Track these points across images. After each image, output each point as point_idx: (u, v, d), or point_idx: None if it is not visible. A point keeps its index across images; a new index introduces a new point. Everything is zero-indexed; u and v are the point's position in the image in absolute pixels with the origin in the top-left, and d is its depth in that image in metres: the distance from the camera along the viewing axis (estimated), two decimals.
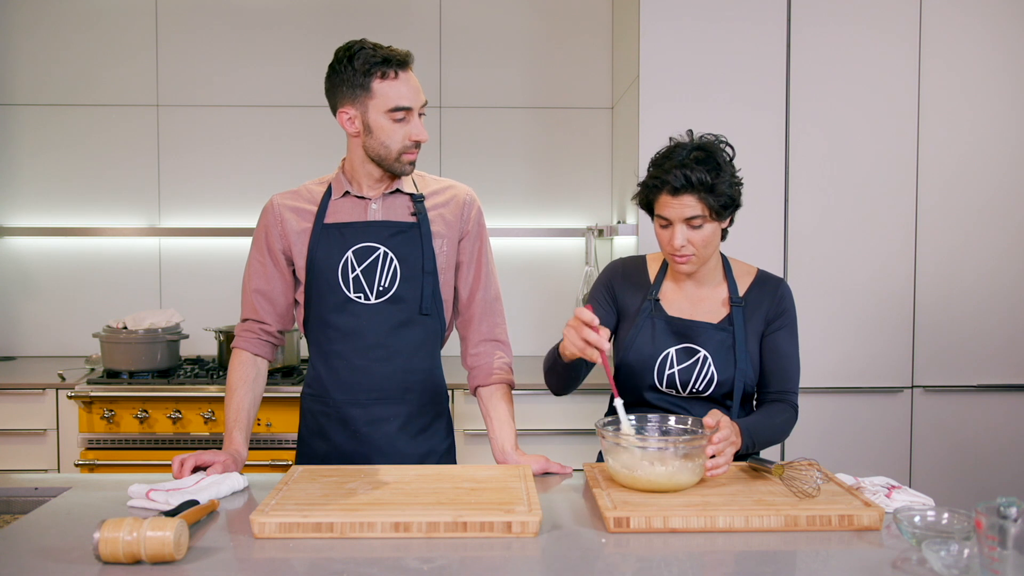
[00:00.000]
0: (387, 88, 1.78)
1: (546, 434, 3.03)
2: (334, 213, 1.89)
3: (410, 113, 1.80)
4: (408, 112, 1.79)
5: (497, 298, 1.99)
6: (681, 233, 1.77)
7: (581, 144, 3.70)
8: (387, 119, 1.79)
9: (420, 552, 1.33)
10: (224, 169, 3.65)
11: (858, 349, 3.00)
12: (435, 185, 1.96)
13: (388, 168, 1.84)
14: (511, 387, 1.97)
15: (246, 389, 1.89)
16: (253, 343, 1.93)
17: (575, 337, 1.60)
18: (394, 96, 1.78)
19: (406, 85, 1.80)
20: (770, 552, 1.36)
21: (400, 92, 1.79)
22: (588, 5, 3.68)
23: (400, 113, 1.79)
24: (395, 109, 1.78)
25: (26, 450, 3.02)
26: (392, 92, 1.78)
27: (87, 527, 1.41)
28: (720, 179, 1.74)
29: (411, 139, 1.81)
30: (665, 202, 1.77)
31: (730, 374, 1.84)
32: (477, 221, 1.96)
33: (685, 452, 1.55)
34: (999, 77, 2.99)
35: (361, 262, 1.85)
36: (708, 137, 1.82)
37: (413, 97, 1.80)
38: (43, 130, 3.63)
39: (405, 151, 1.82)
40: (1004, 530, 1.14)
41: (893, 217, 2.99)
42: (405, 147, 1.81)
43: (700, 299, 1.90)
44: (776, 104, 2.98)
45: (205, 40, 3.63)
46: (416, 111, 1.81)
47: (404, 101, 1.79)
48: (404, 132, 1.80)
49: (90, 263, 3.64)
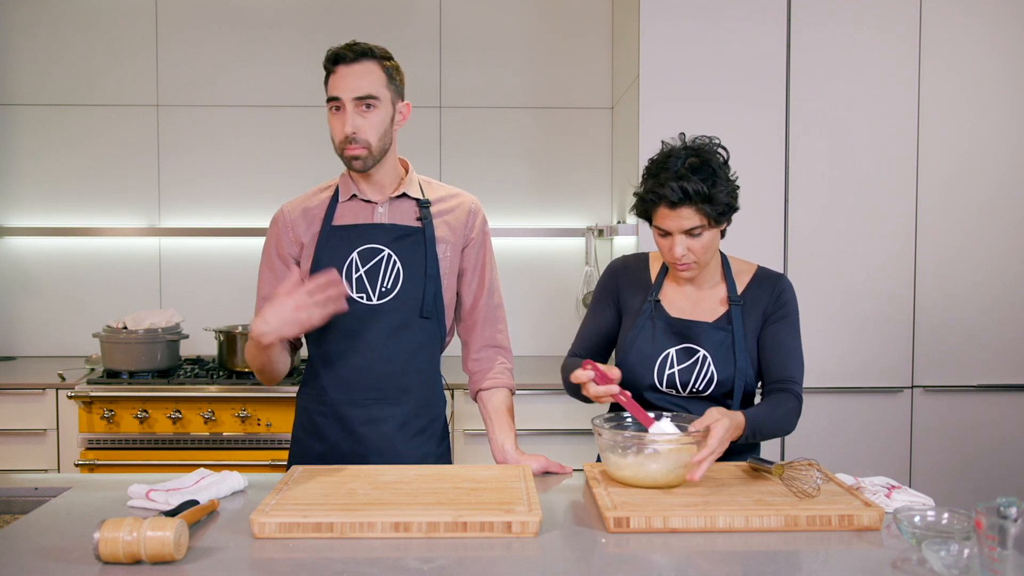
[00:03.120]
0: (330, 82, 1.84)
1: (546, 434, 3.03)
2: (341, 216, 1.91)
3: (340, 106, 1.81)
4: (339, 103, 1.81)
5: (500, 305, 2.01)
6: (681, 243, 1.77)
7: (581, 144, 3.70)
8: (329, 111, 1.84)
9: (420, 552, 1.33)
10: (224, 169, 3.65)
11: (858, 349, 3.00)
12: (441, 192, 1.98)
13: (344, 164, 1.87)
14: (512, 391, 1.98)
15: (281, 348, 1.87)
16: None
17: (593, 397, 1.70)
18: (329, 88, 1.84)
19: (341, 79, 1.82)
20: (770, 552, 1.36)
21: (334, 84, 1.83)
22: (588, 5, 3.67)
23: (332, 104, 1.82)
24: (328, 100, 1.83)
25: (26, 450, 3.02)
26: (330, 85, 1.84)
27: (87, 527, 1.41)
28: (717, 187, 1.73)
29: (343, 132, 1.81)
30: (663, 215, 1.76)
31: (730, 373, 1.84)
32: (482, 230, 1.98)
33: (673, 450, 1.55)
34: (999, 77, 2.99)
35: (365, 263, 1.86)
36: (702, 139, 1.81)
37: (342, 88, 1.81)
38: (43, 130, 3.63)
39: (343, 145, 1.83)
40: (1004, 530, 1.14)
41: (893, 217, 2.99)
42: (341, 141, 1.83)
43: (700, 299, 1.90)
44: (776, 104, 2.97)
45: (205, 40, 3.63)
46: (348, 104, 1.80)
47: (332, 92, 1.82)
48: (337, 126, 1.83)
49: (90, 263, 3.64)
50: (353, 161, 1.83)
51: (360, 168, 1.84)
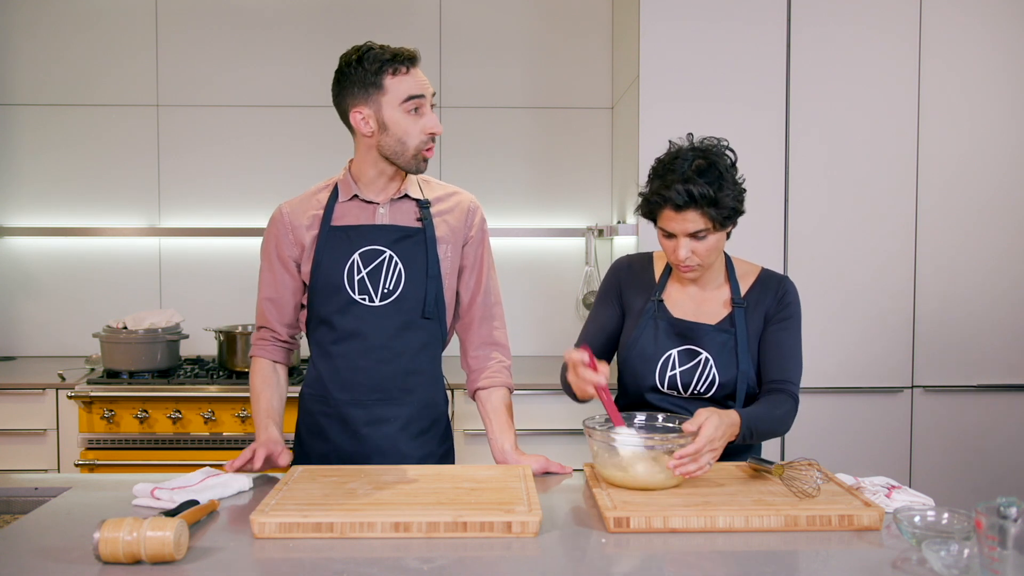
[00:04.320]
0: (399, 82, 1.79)
1: (546, 434, 3.03)
2: (341, 216, 1.90)
3: (423, 103, 1.81)
4: (421, 102, 1.80)
5: (497, 303, 2.01)
6: (685, 246, 1.76)
7: (581, 144, 3.70)
8: (402, 112, 1.80)
9: (420, 552, 1.33)
10: (224, 169, 3.65)
11: (858, 349, 3.00)
12: (440, 191, 1.97)
13: (403, 166, 1.84)
14: (510, 390, 1.98)
15: (272, 391, 1.94)
16: (270, 350, 1.97)
17: (577, 380, 1.68)
18: (406, 88, 1.79)
19: (417, 79, 1.81)
20: (770, 552, 1.36)
21: (412, 83, 1.80)
22: (588, 5, 3.67)
23: (413, 103, 1.79)
24: (409, 99, 1.79)
25: (26, 450, 3.02)
26: (403, 84, 1.79)
27: (87, 527, 1.41)
28: (723, 191, 1.72)
29: (427, 131, 1.81)
30: (668, 217, 1.75)
31: (732, 376, 1.83)
32: (480, 228, 1.98)
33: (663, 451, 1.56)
34: (999, 77, 2.99)
35: (367, 265, 1.86)
36: (709, 141, 1.80)
37: (425, 87, 1.82)
38: (43, 130, 3.63)
39: (423, 146, 1.82)
40: (1004, 530, 1.14)
41: (893, 217, 2.99)
42: (423, 141, 1.82)
43: (703, 300, 1.89)
44: (776, 104, 2.97)
45: (205, 40, 3.63)
46: (428, 101, 1.82)
47: (417, 90, 1.80)
48: (420, 125, 1.81)
49: (90, 263, 3.64)
50: (426, 163, 1.85)
51: (425, 169, 1.87)
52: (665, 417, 1.74)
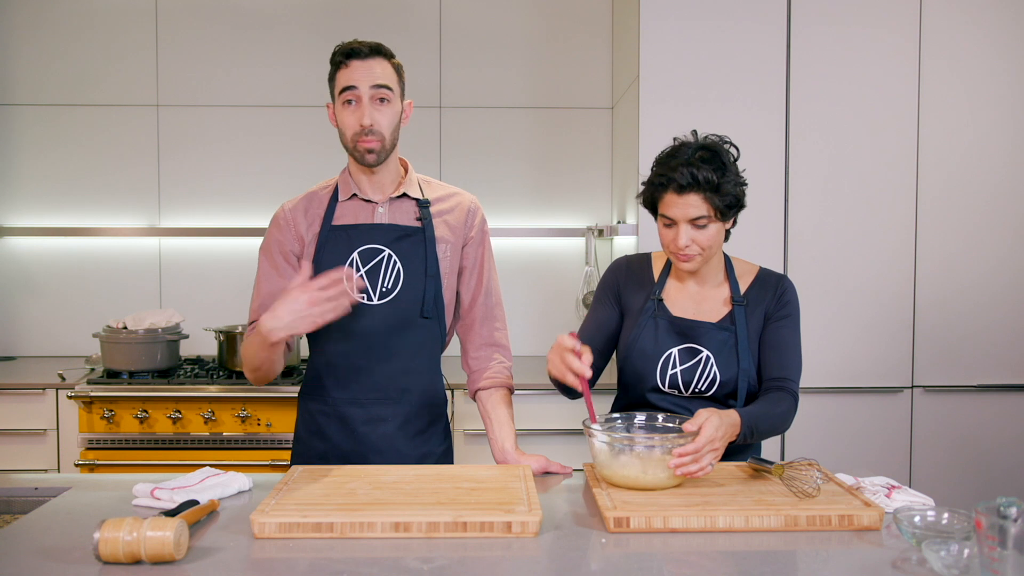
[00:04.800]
0: (341, 75, 1.84)
1: (546, 434, 3.03)
2: (341, 215, 1.91)
3: (357, 96, 1.81)
4: (355, 94, 1.81)
5: (498, 303, 2.01)
6: (685, 233, 1.77)
7: (581, 144, 3.70)
8: (340, 105, 1.84)
9: (420, 552, 1.33)
10: (224, 169, 3.65)
11: (858, 349, 3.00)
12: (440, 191, 1.98)
13: (354, 158, 1.87)
14: (511, 391, 1.98)
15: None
16: None
17: (558, 362, 1.67)
18: (343, 80, 1.83)
19: (357, 71, 1.82)
20: (770, 552, 1.36)
21: (348, 76, 1.82)
22: (588, 5, 3.67)
23: (348, 95, 1.82)
24: (343, 90, 1.82)
25: (26, 450, 3.02)
26: (342, 77, 1.83)
27: (87, 527, 1.41)
28: (725, 179, 1.74)
29: (359, 123, 1.81)
30: (670, 201, 1.76)
31: (733, 374, 1.83)
32: (480, 228, 1.98)
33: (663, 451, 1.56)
34: (999, 77, 2.99)
35: (366, 263, 1.87)
36: (712, 137, 1.82)
37: (359, 79, 1.81)
38: (43, 130, 3.63)
39: (356, 138, 1.83)
40: (1004, 530, 1.14)
41: (893, 217, 2.99)
42: (355, 133, 1.83)
43: (703, 299, 1.90)
44: (776, 104, 2.98)
45: (205, 40, 3.63)
46: (365, 94, 1.81)
47: (347, 82, 1.81)
48: (353, 117, 1.82)
49: (90, 263, 3.64)
50: (367, 154, 1.83)
51: (373, 162, 1.85)
52: (665, 417, 1.74)
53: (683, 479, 1.59)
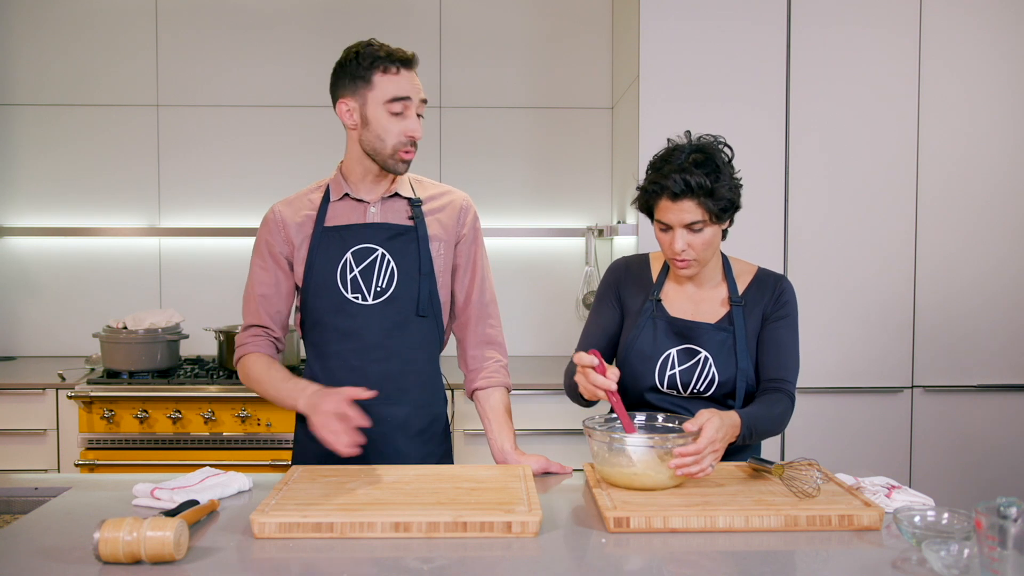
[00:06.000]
0: (387, 81, 1.80)
1: (546, 434, 3.03)
2: (333, 216, 1.90)
3: (408, 106, 1.81)
4: (406, 105, 1.80)
5: (493, 301, 2.01)
6: (681, 238, 1.77)
7: (581, 144, 3.70)
8: (384, 112, 1.81)
9: (420, 552, 1.33)
10: (224, 169, 3.65)
11: (858, 349, 3.00)
12: (432, 190, 1.98)
13: (382, 164, 1.84)
14: (508, 389, 1.98)
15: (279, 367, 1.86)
16: (264, 346, 1.91)
17: (585, 383, 1.66)
18: (392, 88, 1.80)
19: (407, 81, 1.81)
20: (770, 552, 1.36)
21: (400, 85, 1.80)
22: (588, 5, 3.67)
23: (398, 105, 1.80)
24: (393, 100, 1.80)
25: (26, 450, 3.02)
26: (391, 84, 1.80)
27: (87, 527, 1.41)
28: (720, 183, 1.74)
29: (407, 135, 1.81)
30: (665, 207, 1.76)
31: (731, 374, 1.83)
32: (473, 226, 1.98)
33: (663, 451, 1.55)
34: (999, 77, 2.99)
35: (359, 263, 1.86)
36: (706, 138, 1.82)
37: (413, 90, 1.82)
38: (43, 130, 3.63)
39: (400, 147, 1.82)
40: (1004, 530, 1.14)
41: (893, 217, 2.99)
42: (400, 143, 1.82)
43: (701, 299, 1.90)
44: (776, 104, 2.97)
45: (205, 40, 3.63)
46: (414, 106, 1.82)
47: (403, 92, 1.80)
48: (400, 127, 1.81)
49: (90, 263, 3.64)
50: (402, 164, 1.84)
51: (404, 171, 1.86)
52: (665, 417, 1.74)
53: (683, 479, 1.59)
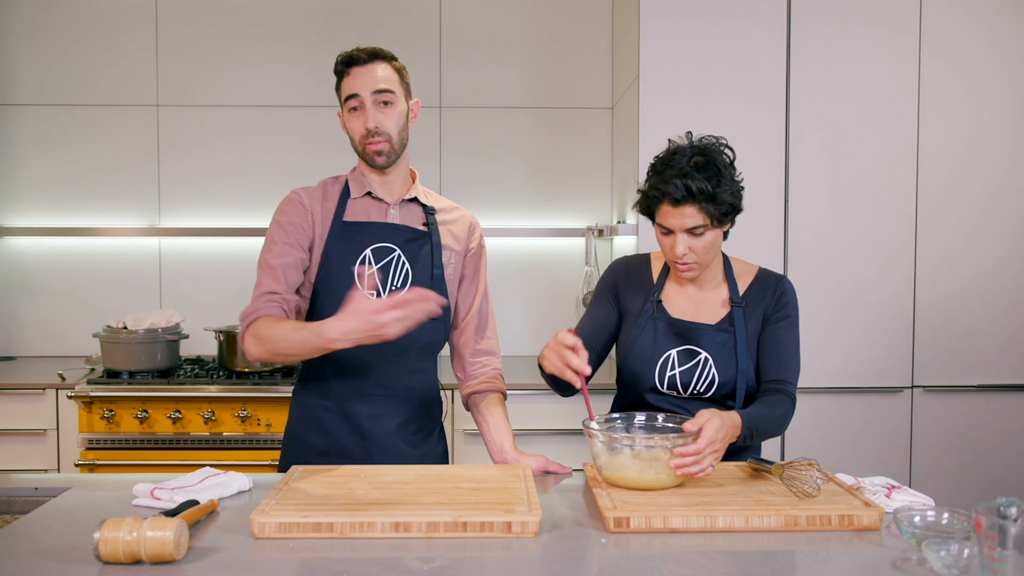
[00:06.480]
0: (345, 84, 1.89)
1: (546, 434, 3.03)
2: (353, 212, 1.93)
3: (361, 102, 1.85)
4: (360, 100, 1.85)
5: (491, 313, 2.06)
6: (683, 242, 1.76)
7: (581, 144, 3.70)
8: (347, 111, 1.89)
9: (420, 552, 1.33)
10: (224, 169, 3.65)
11: (858, 349, 3.00)
12: (444, 204, 2.03)
13: (364, 160, 1.91)
14: (504, 395, 2.01)
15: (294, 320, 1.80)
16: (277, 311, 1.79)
17: (555, 359, 1.65)
18: (346, 89, 1.88)
19: (358, 78, 1.86)
20: (770, 552, 1.36)
21: (350, 84, 1.87)
22: (588, 5, 3.67)
23: (353, 102, 1.86)
24: (347, 99, 1.88)
25: (26, 450, 3.02)
26: (346, 86, 1.88)
27: (87, 527, 1.41)
28: (721, 187, 1.73)
29: (365, 127, 1.85)
30: (666, 212, 1.76)
31: (731, 375, 1.83)
32: (479, 243, 2.05)
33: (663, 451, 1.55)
34: (999, 77, 2.99)
35: (377, 262, 1.89)
36: (708, 139, 1.81)
37: (360, 85, 1.86)
38: (43, 130, 3.63)
39: (364, 141, 1.87)
40: (1004, 530, 1.14)
41: (893, 217, 2.99)
42: (362, 136, 1.87)
43: (701, 300, 1.90)
44: (776, 104, 2.97)
45: (205, 40, 3.63)
46: (368, 99, 1.85)
47: (350, 90, 1.87)
48: (360, 122, 1.87)
49: (90, 263, 3.64)
50: (376, 156, 1.87)
51: (383, 164, 1.88)
52: (665, 417, 1.74)
53: (683, 479, 1.59)
